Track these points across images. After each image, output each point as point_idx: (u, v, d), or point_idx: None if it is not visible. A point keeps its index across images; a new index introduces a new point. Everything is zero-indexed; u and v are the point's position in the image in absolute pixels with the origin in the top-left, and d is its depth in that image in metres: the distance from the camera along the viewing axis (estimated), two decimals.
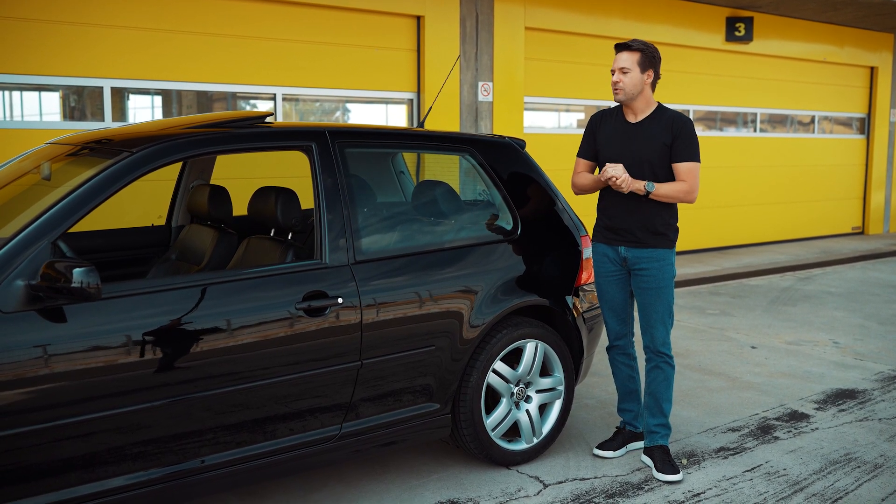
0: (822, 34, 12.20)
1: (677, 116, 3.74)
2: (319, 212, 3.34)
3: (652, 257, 3.77)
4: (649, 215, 3.75)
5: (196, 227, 4.06)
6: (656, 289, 3.78)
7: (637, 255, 3.78)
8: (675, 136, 3.70)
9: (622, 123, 3.82)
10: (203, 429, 2.97)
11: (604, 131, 3.86)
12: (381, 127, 4.04)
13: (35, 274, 2.61)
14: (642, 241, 3.77)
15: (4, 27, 5.99)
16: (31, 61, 6.13)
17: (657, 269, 3.77)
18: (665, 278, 3.78)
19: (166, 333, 2.85)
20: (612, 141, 3.81)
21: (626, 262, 3.82)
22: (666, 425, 3.86)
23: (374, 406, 3.41)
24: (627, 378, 4.04)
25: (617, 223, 3.81)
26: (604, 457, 3.97)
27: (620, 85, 3.72)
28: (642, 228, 3.75)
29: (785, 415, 4.65)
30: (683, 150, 3.70)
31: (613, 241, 3.84)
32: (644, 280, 3.79)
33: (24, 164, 3.49)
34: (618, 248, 3.83)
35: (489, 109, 8.69)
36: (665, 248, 3.78)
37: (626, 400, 4.08)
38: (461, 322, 3.61)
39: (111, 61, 6.45)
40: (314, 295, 3.19)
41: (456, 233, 3.97)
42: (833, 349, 6.18)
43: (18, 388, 2.56)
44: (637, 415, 4.06)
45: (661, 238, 3.77)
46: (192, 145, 3.13)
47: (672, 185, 3.69)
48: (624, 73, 3.71)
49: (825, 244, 12.20)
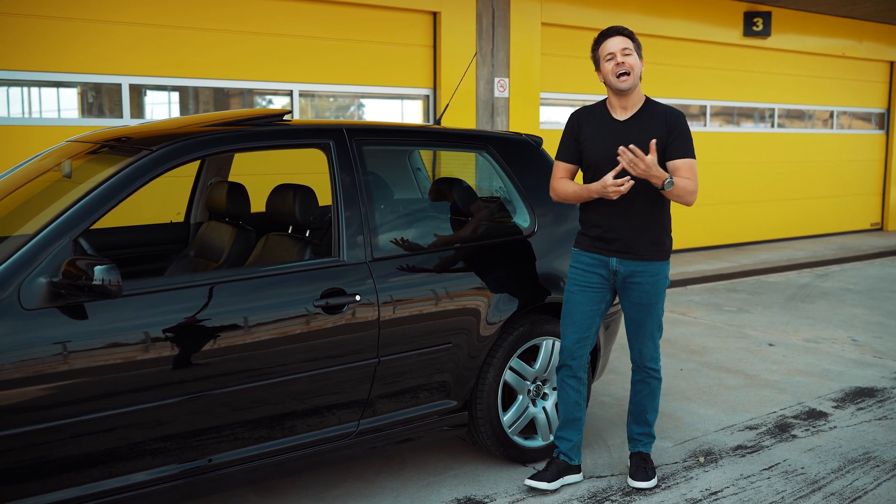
0: (840, 28, 12.09)
1: (669, 110, 3.42)
2: (337, 209, 3.35)
3: (647, 271, 3.45)
4: (650, 222, 3.42)
5: (214, 223, 4.09)
6: (648, 304, 3.49)
7: (632, 269, 3.45)
8: (670, 132, 3.36)
9: (609, 120, 3.45)
10: (222, 425, 2.99)
11: (588, 130, 3.48)
12: (399, 124, 4.04)
13: (57, 271, 2.63)
14: (640, 253, 3.43)
15: (22, 24, 6.03)
16: (49, 58, 6.18)
17: (652, 283, 3.46)
18: (659, 293, 3.49)
19: (185, 330, 2.87)
20: (599, 140, 3.42)
21: (617, 275, 3.48)
22: (650, 434, 3.68)
23: (391, 403, 3.42)
24: (574, 405, 3.61)
25: (609, 233, 3.45)
26: (538, 488, 3.56)
27: (626, 67, 3.33)
28: (641, 238, 3.42)
29: (803, 413, 4.63)
30: (681, 147, 3.37)
31: (605, 252, 3.48)
32: (637, 295, 3.48)
33: (45, 161, 3.52)
34: (608, 260, 3.48)
35: (505, 105, 8.67)
36: (662, 261, 3.48)
37: (568, 427, 3.64)
38: (478, 319, 3.61)
39: (129, 58, 6.49)
40: (332, 292, 3.21)
41: (473, 230, 3.97)
42: (852, 347, 6.13)
43: (42, 383, 2.58)
44: (575, 446, 3.64)
45: (660, 248, 3.46)
46: (210, 143, 3.14)
47: (683, 182, 3.32)
48: (627, 54, 3.35)
49: (843, 240, 12.11)
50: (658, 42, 10.10)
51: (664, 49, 10.19)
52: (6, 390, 2.52)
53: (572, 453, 3.65)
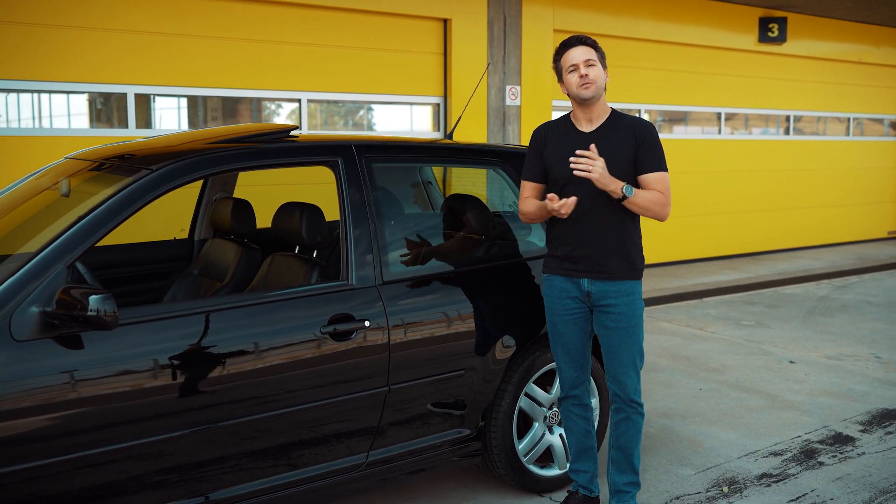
0: (857, 34, 11.89)
1: (638, 121, 3.24)
2: (346, 230, 3.21)
3: (620, 291, 3.21)
4: (620, 238, 3.21)
5: (219, 241, 3.95)
6: (626, 328, 3.23)
7: (603, 290, 3.22)
8: (639, 144, 3.18)
9: (574, 133, 3.27)
10: (225, 456, 2.85)
11: (553, 146, 3.28)
12: (409, 140, 3.90)
13: (50, 300, 2.50)
14: (610, 272, 3.20)
15: (26, 33, 5.92)
16: (55, 68, 6.06)
17: (626, 304, 3.22)
18: (635, 315, 3.24)
19: (186, 359, 2.74)
20: (564, 154, 3.19)
21: (590, 297, 3.26)
22: (636, 483, 3.37)
23: (402, 432, 3.28)
24: (583, 434, 3.44)
25: (577, 251, 3.24)
26: None
27: (591, 77, 3.15)
28: (611, 255, 3.20)
29: (829, 437, 4.45)
30: (651, 159, 3.19)
31: (574, 273, 3.26)
32: (612, 318, 3.23)
33: (43, 180, 3.38)
34: (579, 282, 3.26)
35: (517, 113, 8.52)
36: (634, 280, 3.24)
37: (582, 459, 3.46)
38: (493, 343, 3.46)
39: (135, 67, 6.37)
40: (340, 318, 3.06)
41: (486, 249, 3.82)
42: (876, 364, 5.94)
43: (34, 416, 2.46)
44: (593, 476, 3.46)
45: (631, 267, 3.23)
46: (212, 162, 3.00)
47: (649, 194, 3.15)
48: (591, 64, 3.18)
49: (860, 249, 11.89)
50: (672, 49, 9.93)
51: (678, 56, 10.02)
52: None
53: (591, 485, 3.47)
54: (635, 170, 3.20)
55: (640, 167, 3.20)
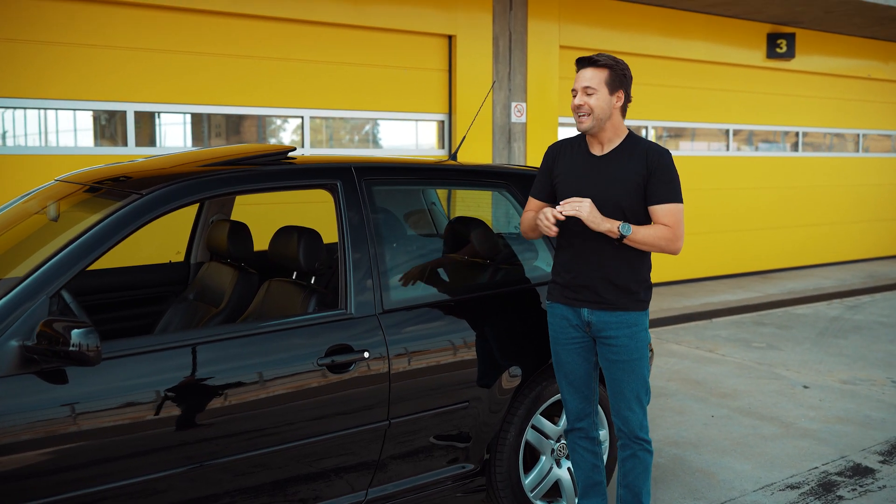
0: (866, 50, 11.77)
1: (653, 147, 3.05)
2: (344, 257, 3.08)
3: (621, 322, 3.06)
4: (618, 268, 3.04)
5: (215, 264, 3.82)
6: (628, 361, 3.07)
7: (603, 320, 3.07)
8: (651, 172, 3.00)
9: (585, 155, 3.12)
10: (219, 493, 2.71)
11: (563, 165, 3.15)
12: (411, 161, 3.78)
13: (31, 333, 2.37)
14: (609, 302, 3.05)
15: (27, 50, 5.83)
16: (57, 86, 5.96)
17: (628, 336, 3.06)
18: (639, 348, 3.08)
19: (177, 393, 2.61)
20: (572, 177, 3.09)
21: (591, 327, 3.11)
22: None
23: (403, 467, 3.13)
24: (591, 468, 3.30)
25: (578, 279, 3.09)
26: None
27: (585, 109, 3.01)
28: (609, 285, 3.04)
29: (847, 469, 4.28)
30: (663, 189, 2.99)
31: (574, 302, 3.12)
32: (613, 351, 3.08)
33: (31, 203, 3.26)
34: (580, 311, 3.11)
35: (522, 131, 8.40)
36: (637, 311, 3.08)
37: (591, 494, 3.32)
38: (499, 373, 3.32)
39: (136, 85, 6.27)
40: (338, 349, 2.93)
41: (492, 275, 3.69)
42: (892, 389, 5.77)
43: (17, 452, 2.33)
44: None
45: (632, 298, 3.06)
46: (206, 186, 2.88)
47: (653, 229, 2.98)
48: (589, 93, 3.01)
49: (871, 268, 11.72)
50: (680, 65, 9.82)
51: (686, 72, 9.91)
52: None
53: None
54: (645, 199, 3.04)
55: (650, 197, 3.02)
